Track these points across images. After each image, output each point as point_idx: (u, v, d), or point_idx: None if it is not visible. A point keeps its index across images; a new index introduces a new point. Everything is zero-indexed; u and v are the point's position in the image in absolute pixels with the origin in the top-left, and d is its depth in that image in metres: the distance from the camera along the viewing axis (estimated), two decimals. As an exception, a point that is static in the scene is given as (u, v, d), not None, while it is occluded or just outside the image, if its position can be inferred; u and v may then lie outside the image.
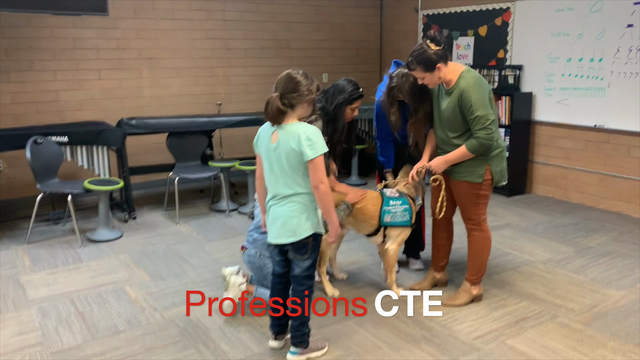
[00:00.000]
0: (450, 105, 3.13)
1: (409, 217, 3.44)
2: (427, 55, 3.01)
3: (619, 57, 5.09)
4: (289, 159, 2.55)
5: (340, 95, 3.36)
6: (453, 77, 3.11)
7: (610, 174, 5.36)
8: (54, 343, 3.02)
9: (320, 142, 2.52)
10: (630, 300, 3.45)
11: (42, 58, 5.65)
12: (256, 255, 3.30)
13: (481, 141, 3.06)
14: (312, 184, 2.55)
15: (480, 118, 3.03)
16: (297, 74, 2.55)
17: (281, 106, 2.52)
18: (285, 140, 2.54)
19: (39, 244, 4.61)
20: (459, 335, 3.06)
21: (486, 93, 3.07)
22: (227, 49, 6.66)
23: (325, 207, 2.61)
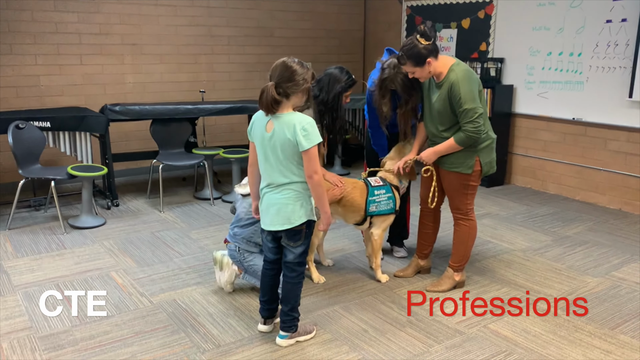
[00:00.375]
0: (440, 98, 3.19)
1: (393, 205, 3.52)
2: (417, 50, 3.05)
3: (598, 52, 5.22)
4: (284, 148, 2.58)
5: (337, 85, 3.43)
6: (443, 70, 3.15)
7: (586, 166, 5.52)
8: (42, 327, 3.02)
9: (315, 132, 2.55)
10: (605, 287, 3.58)
11: (22, 42, 5.55)
12: (236, 249, 3.33)
13: (468, 134, 3.13)
14: (306, 173, 2.58)
15: (469, 111, 3.09)
16: (293, 63, 2.55)
17: (277, 96, 2.52)
18: (281, 130, 2.56)
19: (20, 230, 4.56)
20: (443, 319, 3.15)
21: (475, 86, 3.13)
22: (210, 36, 6.62)
23: (319, 196, 2.64)
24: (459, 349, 2.84)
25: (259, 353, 2.79)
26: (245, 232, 3.30)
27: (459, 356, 2.78)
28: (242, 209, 3.32)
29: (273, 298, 2.93)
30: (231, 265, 3.36)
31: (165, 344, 2.87)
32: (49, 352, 2.78)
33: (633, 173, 5.14)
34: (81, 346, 2.83)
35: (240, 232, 3.31)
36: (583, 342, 2.92)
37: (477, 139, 3.16)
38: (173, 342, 2.89)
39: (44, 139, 4.75)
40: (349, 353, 2.80)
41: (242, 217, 3.31)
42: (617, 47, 5.06)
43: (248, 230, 3.29)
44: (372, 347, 2.86)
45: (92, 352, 2.79)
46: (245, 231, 3.30)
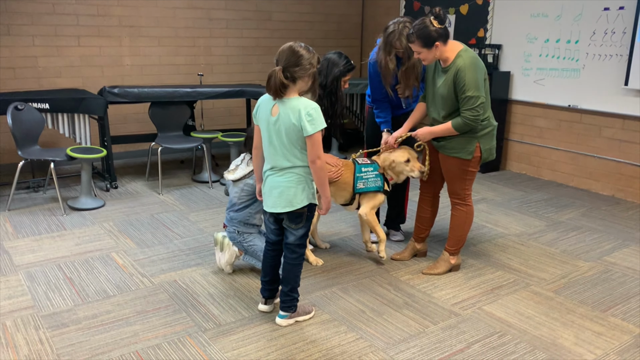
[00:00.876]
0: (445, 83, 3.20)
1: (381, 183, 3.57)
2: (428, 31, 3.07)
3: (595, 39, 5.26)
4: (288, 133, 2.61)
5: (335, 69, 3.47)
6: (450, 55, 3.16)
7: (581, 152, 5.58)
8: (44, 306, 3.07)
9: (319, 118, 2.58)
10: (597, 271, 3.66)
11: (19, 22, 5.53)
12: (235, 232, 3.39)
13: (466, 121, 3.16)
14: (310, 158, 2.62)
15: (471, 98, 3.11)
16: (300, 47, 2.58)
17: (284, 80, 2.54)
18: (286, 114, 2.59)
19: (20, 211, 4.59)
20: (439, 301, 3.22)
21: (481, 74, 3.15)
22: (208, 19, 6.61)
23: (320, 181, 2.69)
24: (454, 330, 2.92)
25: (259, 332, 2.85)
26: (240, 216, 3.35)
27: (454, 337, 2.85)
28: (234, 194, 3.37)
29: (274, 278, 2.99)
30: (231, 247, 3.41)
31: (167, 323, 2.93)
32: (52, 330, 2.84)
33: (627, 160, 5.21)
34: (84, 325, 2.89)
35: (236, 215, 3.37)
36: (575, 323, 3.00)
37: (473, 127, 3.19)
38: (174, 321, 2.95)
39: (42, 120, 4.76)
40: (347, 333, 2.87)
41: (235, 202, 3.36)
42: (614, 35, 5.09)
43: (243, 214, 3.35)
44: (370, 327, 2.93)
45: (96, 330, 2.84)
46: (240, 215, 3.35)
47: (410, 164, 3.53)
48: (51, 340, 2.74)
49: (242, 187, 3.32)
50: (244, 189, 3.31)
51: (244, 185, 3.31)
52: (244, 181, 3.31)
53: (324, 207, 2.79)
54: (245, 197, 3.31)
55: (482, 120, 3.23)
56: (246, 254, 3.43)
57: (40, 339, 2.76)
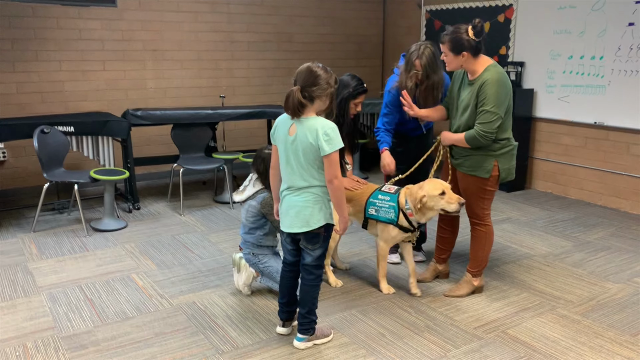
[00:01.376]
0: (469, 95, 3.16)
1: (394, 216, 3.31)
2: (460, 38, 3.05)
3: (620, 55, 5.16)
4: (305, 152, 2.60)
5: (344, 90, 3.44)
6: (479, 68, 3.13)
7: (609, 170, 5.44)
8: (65, 327, 3.09)
9: (337, 137, 2.57)
10: (627, 293, 3.53)
11: (47, 48, 5.68)
12: (250, 254, 3.39)
13: (477, 135, 3.10)
14: (327, 178, 2.61)
15: (488, 113, 3.06)
16: (317, 67, 2.59)
17: (302, 99, 2.55)
18: (303, 134, 2.59)
19: (44, 232, 4.66)
20: (461, 324, 3.14)
21: (506, 93, 3.10)
22: (230, 42, 6.70)
23: (338, 201, 2.66)
24: (477, 354, 2.83)
25: (276, 355, 2.81)
26: (252, 238, 3.35)
27: (477, 361, 2.77)
28: (242, 215, 3.38)
29: (292, 300, 2.95)
30: (248, 268, 3.40)
31: (184, 345, 2.91)
32: (71, 351, 2.84)
33: (657, 178, 5.06)
34: (103, 346, 2.89)
35: (248, 237, 3.37)
36: (604, 348, 2.89)
37: (484, 144, 3.14)
38: (192, 343, 2.93)
39: (67, 143, 4.86)
40: (366, 357, 2.81)
41: (245, 223, 3.36)
42: (640, 50, 4.99)
43: (254, 236, 3.35)
44: (390, 351, 2.86)
45: (114, 352, 2.84)
46: (251, 237, 3.35)
47: (447, 196, 3.15)
48: (69, 362, 2.75)
49: (247, 208, 3.33)
50: (249, 210, 3.32)
51: (248, 206, 3.33)
52: (248, 202, 3.31)
53: (341, 228, 2.76)
54: (251, 218, 3.31)
55: (500, 140, 3.18)
56: (263, 276, 3.41)
57: (59, 360, 2.77)
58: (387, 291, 3.51)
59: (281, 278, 2.94)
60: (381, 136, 3.71)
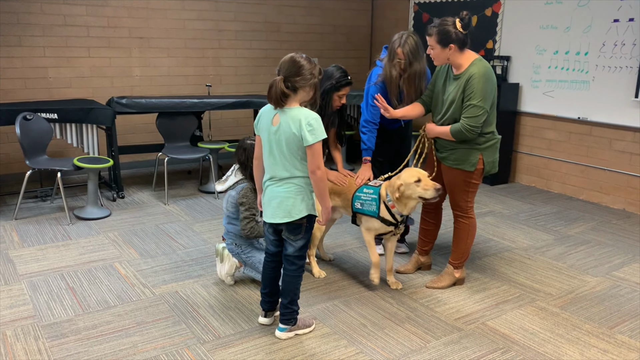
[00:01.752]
0: (455, 90, 3.17)
1: (376, 209, 3.30)
2: (448, 30, 3.06)
3: (604, 51, 5.20)
4: (288, 143, 2.60)
5: (327, 82, 3.41)
6: (464, 62, 3.14)
7: (591, 165, 5.51)
8: (45, 316, 3.07)
9: (320, 128, 2.57)
10: (605, 287, 3.59)
11: (31, 34, 5.60)
12: (233, 244, 3.39)
13: (462, 129, 3.12)
14: (310, 168, 2.61)
15: (475, 107, 3.08)
16: (301, 58, 2.58)
17: (285, 89, 2.55)
18: (286, 124, 2.59)
19: (27, 220, 4.62)
20: (442, 316, 3.17)
21: (491, 87, 3.12)
22: (217, 31, 6.65)
23: (320, 192, 2.67)
24: (457, 345, 2.87)
25: (258, 345, 2.82)
26: (234, 228, 3.36)
27: (456, 352, 2.80)
28: (224, 204, 3.40)
29: (274, 290, 2.96)
30: (231, 258, 3.40)
31: (166, 334, 2.91)
32: (51, 340, 2.83)
33: (638, 173, 5.13)
34: (84, 335, 2.88)
35: (230, 228, 3.37)
36: (581, 340, 2.94)
37: (469, 137, 3.15)
38: (174, 332, 2.93)
39: (51, 130, 4.80)
40: (347, 347, 2.83)
41: (226, 213, 3.37)
42: (624, 47, 5.04)
43: (237, 226, 3.35)
44: (370, 341, 2.89)
45: (95, 340, 2.83)
46: (234, 227, 3.35)
47: (422, 183, 3.14)
48: (50, 351, 2.73)
49: (227, 198, 3.35)
50: (229, 200, 3.34)
51: (228, 196, 3.34)
52: (228, 192, 3.33)
53: (324, 218, 2.77)
54: (231, 208, 3.32)
55: (485, 133, 3.20)
56: (246, 266, 3.42)
57: (39, 349, 2.75)
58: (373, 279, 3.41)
59: (263, 268, 2.95)
60: (367, 137, 3.67)
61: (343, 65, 3.62)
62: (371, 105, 3.62)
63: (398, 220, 3.32)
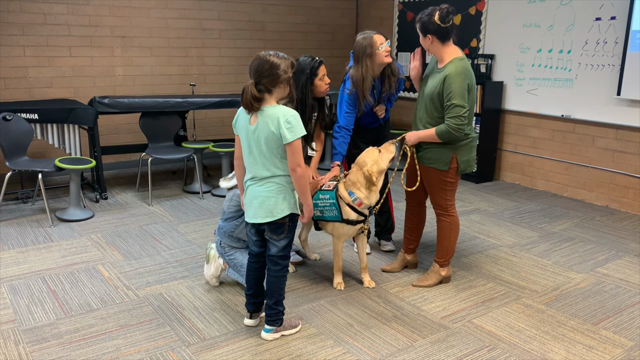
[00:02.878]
0: (434, 83, 3.20)
1: (337, 213, 3.26)
2: (426, 21, 3.14)
3: (587, 49, 5.24)
4: (267, 142, 2.58)
5: (302, 76, 3.34)
6: (446, 58, 3.19)
7: (574, 162, 5.55)
8: (26, 320, 3.01)
9: (298, 125, 2.55)
10: (590, 283, 3.61)
11: (10, 33, 5.51)
12: (219, 243, 3.34)
13: (449, 129, 3.13)
14: (289, 166, 2.59)
15: (456, 107, 3.08)
16: (269, 56, 2.54)
17: (257, 93, 2.53)
18: (264, 123, 2.56)
19: (7, 222, 4.54)
20: (428, 314, 3.17)
21: (470, 86, 3.14)
22: (201, 30, 6.59)
23: (301, 190, 2.65)
24: (443, 344, 2.86)
25: (244, 347, 2.79)
26: (227, 227, 3.29)
27: (443, 350, 2.80)
28: (225, 202, 3.32)
29: (258, 292, 2.93)
30: (217, 259, 3.36)
31: (150, 337, 2.87)
32: (32, 345, 2.78)
33: (620, 170, 5.18)
34: (65, 339, 2.83)
35: (223, 225, 3.31)
36: (566, 337, 2.95)
37: (456, 136, 3.16)
38: (158, 335, 2.89)
39: (31, 131, 4.72)
40: (334, 347, 2.81)
41: (225, 210, 3.31)
42: (606, 45, 5.08)
43: (230, 225, 3.28)
44: (357, 341, 2.87)
45: (77, 345, 2.78)
46: (227, 225, 3.29)
47: (384, 149, 3.25)
48: (30, 356, 2.68)
49: (231, 196, 3.28)
50: (233, 198, 3.27)
51: (233, 195, 3.27)
52: (233, 191, 3.27)
53: (306, 216, 2.75)
54: (233, 207, 3.26)
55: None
56: (229, 268, 3.38)
57: (20, 354, 2.70)
58: (337, 286, 3.44)
59: (247, 269, 2.91)
60: (339, 142, 3.61)
61: (328, 64, 3.61)
62: (345, 112, 3.61)
63: (366, 214, 3.31)
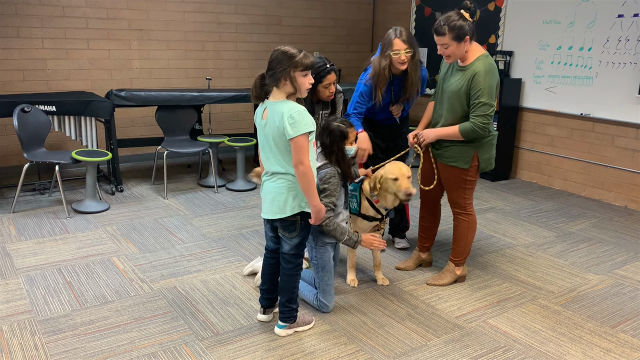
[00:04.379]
0: (459, 82, 3.11)
1: (357, 205, 3.27)
2: (461, 24, 2.98)
3: (608, 47, 5.15)
4: (275, 137, 2.57)
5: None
6: (471, 55, 3.09)
7: (593, 162, 5.47)
8: (42, 311, 3.04)
9: (302, 121, 2.49)
10: (607, 285, 3.56)
11: (29, 25, 5.54)
12: (311, 240, 3.03)
13: (475, 127, 3.08)
14: (293, 162, 2.54)
15: (484, 105, 3.03)
16: (277, 49, 2.54)
17: (260, 82, 2.57)
18: (272, 118, 2.56)
19: (24, 213, 4.58)
20: (442, 313, 3.14)
21: (497, 85, 3.08)
22: (218, 24, 6.59)
23: (305, 188, 2.57)
24: (458, 343, 2.84)
25: (257, 342, 2.79)
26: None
27: (457, 350, 2.78)
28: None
29: (272, 287, 2.93)
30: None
31: (164, 330, 2.88)
32: (48, 335, 2.80)
33: (640, 170, 5.10)
34: (80, 331, 2.85)
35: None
36: (583, 339, 2.91)
37: (481, 135, 3.11)
38: (172, 329, 2.90)
39: (49, 123, 4.76)
40: (347, 344, 2.80)
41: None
42: (629, 43, 4.99)
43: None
44: (371, 339, 2.86)
45: (92, 336, 2.80)
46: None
47: (397, 183, 3.11)
48: (46, 346, 2.70)
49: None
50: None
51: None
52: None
53: (313, 217, 2.65)
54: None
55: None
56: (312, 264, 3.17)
57: (36, 344, 2.72)
58: (350, 283, 3.43)
59: (263, 265, 2.91)
60: (352, 121, 3.61)
61: (344, 59, 3.59)
62: (356, 102, 3.58)
63: (383, 214, 3.29)
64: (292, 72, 2.50)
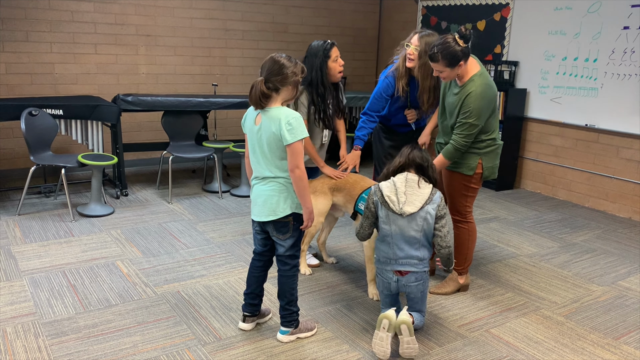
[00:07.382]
0: (455, 100, 3.19)
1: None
2: (454, 51, 3.01)
3: (614, 58, 5.16)
4: (269, 142, 2.61)
5: (315, 59, 3.38)
6: (466, 75, 3.14)
7: (597, 173, 5.46)
8: (46, 314, 3.05)
9: (299, 127, 2.56)
10: (611, 296, 3.55)
11: (38, 29, 5.60)
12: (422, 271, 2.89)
13: (455, 145, 3.15)
14: (289, 167, 2.60)
15: (471, 126, 3.10)
16: (281, 57, 2.59)
17: (265, 90, 2.56)
18: (267, 124, 2.60)
19: (30, 216, 4.61)
20: (445, 322, 3.14)
21: (490, 104, 3.11)
22: (225, 30, 6.64)
23: (300, 192, 2.64)
24: (460, 353, 2.84)
25: (259, 348, 2.80)
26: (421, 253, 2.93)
27: (459, 360, 2.78)
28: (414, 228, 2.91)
29: (256, 292, 2.91)
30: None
31: (167, 335, 2.89)
32: (52, 338, 2.81)
33: (645, 182, 5.09)
34: (84, 334, 2.86)
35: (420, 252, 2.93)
36: (586, 350, 2.90)
37: (462, 151, 3.18)
38: (175, 333, 2.91)
39: (56, 126, 4.79)
40: (349, 352, 2.80)
41: (417, 237, 2.87)
42: (634, 54, 5.00)
43: (427, 248, 2.93)
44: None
45: (95, 339, 2.81)
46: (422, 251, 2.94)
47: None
48: (50, 349, 2.72)
49: (424, 217, 2.80)
50: (427, 218, 2.82)
51: (426, 214, 2.81)
52: (424, 209, 2.82)
53: (305, 219, 2.70)
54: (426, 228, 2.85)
55: (486, 139, 3.22)
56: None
57: (39, 346, 2.73)
58: (373, 296, 3.39)
59: (249, 268, 2.91)
60: (361, 126, 3.65)
61: (350, 67, 3.62)
62: (375, 97, 3.62)
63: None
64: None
